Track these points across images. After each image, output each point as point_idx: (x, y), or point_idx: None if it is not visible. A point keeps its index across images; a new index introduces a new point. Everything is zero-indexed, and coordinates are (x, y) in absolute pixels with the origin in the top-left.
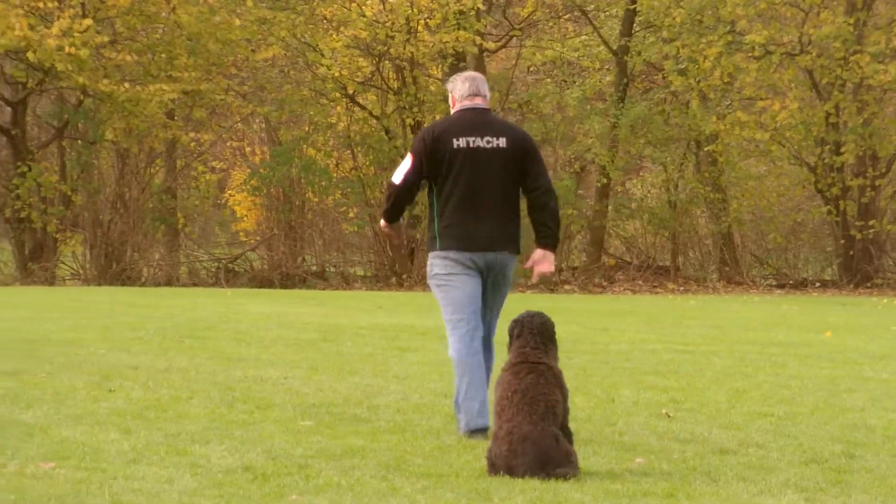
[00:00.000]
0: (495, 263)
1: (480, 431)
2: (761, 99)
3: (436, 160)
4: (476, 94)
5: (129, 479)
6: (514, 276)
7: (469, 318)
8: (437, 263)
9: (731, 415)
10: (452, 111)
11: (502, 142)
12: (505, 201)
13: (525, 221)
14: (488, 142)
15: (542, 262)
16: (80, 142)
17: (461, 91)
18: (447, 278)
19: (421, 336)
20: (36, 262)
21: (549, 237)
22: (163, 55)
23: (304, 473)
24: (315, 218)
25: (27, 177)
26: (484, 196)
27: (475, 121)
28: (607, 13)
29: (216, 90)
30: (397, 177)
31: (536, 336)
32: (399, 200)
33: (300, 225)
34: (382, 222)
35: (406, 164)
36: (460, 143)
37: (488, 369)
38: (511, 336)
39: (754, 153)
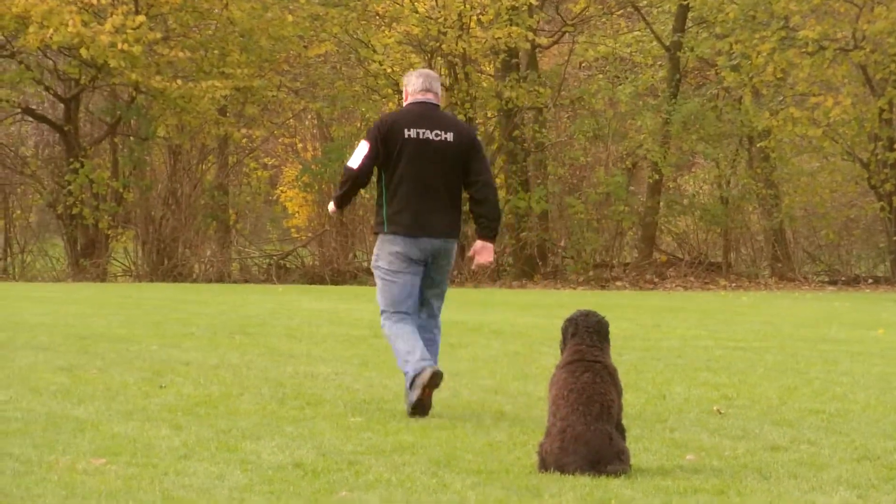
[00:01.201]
0: (439, 249)
1: (432, 373)
2: (814, 95)
3: (388, 148)
4: (428, 91)
5: (179, 475)
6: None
7: (405, 311)
8: (383, 256)
9: (783, 411)
10: (405, 104)
11: (450, 136)
12: (449, 191)
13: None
14: (437, 135)
15: (482, 252)
16: (132, 138)
17: (415, 86)
18: (391, 274)
19: (471, 332)
20: (88, 259)
21: (488, 229)
22: (215, 52)
23: (354, 469)
24: (366, 214)
25: (79, 173)
26: (430, 185)
27: (426, 114)
28: (660, 9)
29: (268, 86)
30: (354, 162)
31: (593, 334)
32: (355, 185)
33: (351, 221)
34: (332, 206)
35: (363, 149)
36: (411, 133)
37: (434, 342)
38: (565, 335)
39: (807, 149)
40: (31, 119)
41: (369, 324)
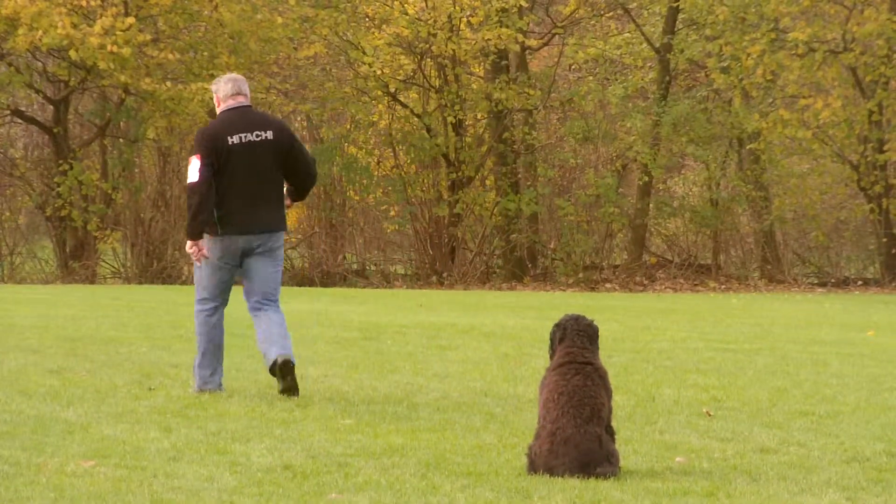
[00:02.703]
0: (270, 242)
1: (208, 392)
2: (804, 97)
3: (216, 157)
4: (238, 94)
5: (169, 478)
6: None
7: (216, 301)
8: (211, 249)
9: (773, 413)
10: (218, 111)
11: (269, 134)
12: (274, 187)
13: None
14: (258, 135)
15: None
16: (121, 140)
17: (225, 91)
18: (211, 265)
19: (462, 334)
20: (77, 261)
21: (299, 198)
22: (205, 53)
23: (343, 472)
24: (356, 216)
25: (69, 175)
26: (258, 184)
27: (242, 118)
28: (650, 11)
29: (258, 88)
30: (193, 176)
31: (583, 337)
32: (202, 199)
33: (341, 223)
34: (189, 245)
35: (196, 164)
36: (234, 139)
37: (278, 324)
38: (553, 340)
39: (797, 151)
40: (20, 121)
41: (359, 326)
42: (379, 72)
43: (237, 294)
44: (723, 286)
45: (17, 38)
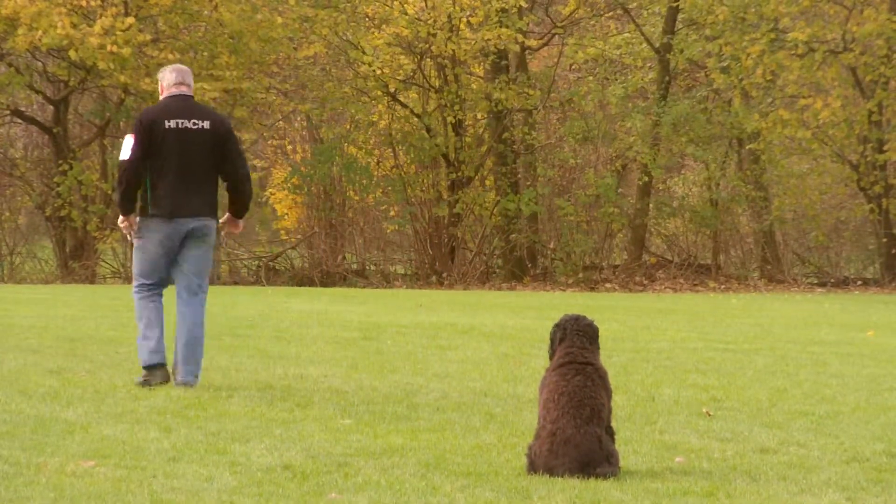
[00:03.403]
0: (198, 228)
1: (156, 367)
2: (804, 97)
3: (150, 139)
4: (182, 84)
5: (169, 478)
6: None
7: (153, 284)
8: (145, 233)
9: (773, 413)
10: (161, 98)
11: (206, 124)
12: (206, 174)
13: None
14: (195, 124)
15: (231, 224)
16: (121, 140)
17: (169, 80)
18: (147, 246)
19: (461, 334)
20: (77, 261)
21: (240, 210)
22: (205, 54)
23: (343, 472)
24: (356, 216)
25: (68, 175)
26: (190, 170)
27: (182, 106)
28: (650, 11)
29: (258, 88)
30: (125, 154)
31: (583, 337)
32: (129, 177)
33: (341, 223)
34: (120, 219)
35: (129, 142)
36: (171, 124)
37: (196, 323)
38: (553, 340)
39: (797, 151)
40: (20, 121)
41: (359, 326)
42: (379, 72)
43: (236, 293)
44: (723, 286)
45: (17, 38)
